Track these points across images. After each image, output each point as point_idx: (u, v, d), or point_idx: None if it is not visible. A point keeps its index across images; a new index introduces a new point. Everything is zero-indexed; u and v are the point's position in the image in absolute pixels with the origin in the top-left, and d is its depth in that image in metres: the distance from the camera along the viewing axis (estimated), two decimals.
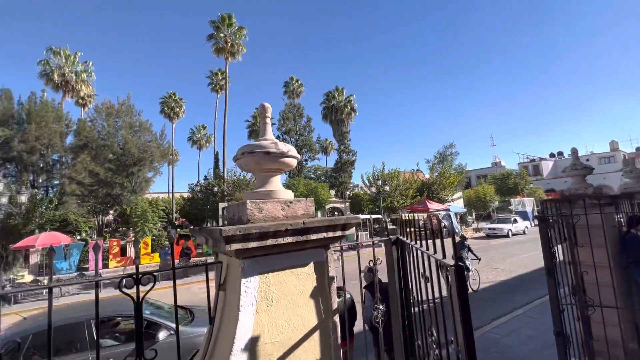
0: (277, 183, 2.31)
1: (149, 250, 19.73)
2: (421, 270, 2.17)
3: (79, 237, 20.94)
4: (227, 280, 2.05)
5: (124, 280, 1.68)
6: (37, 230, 19.13)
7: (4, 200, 13.55)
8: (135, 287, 1.75)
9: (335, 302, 2.12)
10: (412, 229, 2.63)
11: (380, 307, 2.61)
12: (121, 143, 22.07)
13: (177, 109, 43.91)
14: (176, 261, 17.04)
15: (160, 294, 10.68)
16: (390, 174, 32.20)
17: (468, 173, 45.21)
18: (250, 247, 1.76)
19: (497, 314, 7.85)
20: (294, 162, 2.30)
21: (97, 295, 1.70)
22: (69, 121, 24.55)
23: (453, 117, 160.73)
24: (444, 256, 1.75)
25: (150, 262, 19.49)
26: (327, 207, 23.85)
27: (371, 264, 2.94)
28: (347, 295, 4.19)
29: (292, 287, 1.98)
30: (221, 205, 23.85)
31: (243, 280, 1.80)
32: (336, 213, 26.28)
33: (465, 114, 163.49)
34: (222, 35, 30.36)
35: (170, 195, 38.92)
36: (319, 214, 21.20)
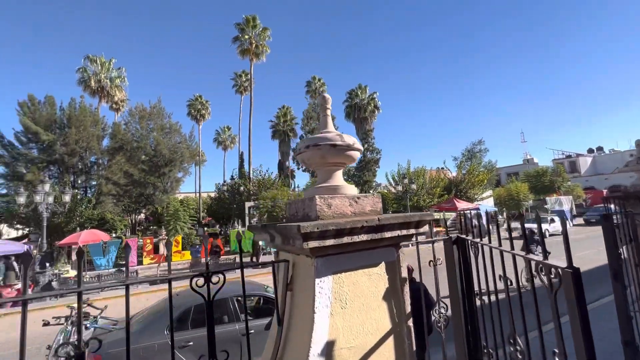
0: (340, 178, 2.18)
1: (180, 248, 20.36)
2: (489, 272, 1.97)
3: (114, 235, 21.97)
4: (294, 280, 1.95)
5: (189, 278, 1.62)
6: (78, 228, 20.26)
7: (50, 199, 14.42)
8: (205, 284, 1.69)
9: (409, 305, 1.97)
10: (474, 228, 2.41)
11: (442, 310, 2.43)
12: (153, 144, 22.93)
13: (203, 111, 45.17)
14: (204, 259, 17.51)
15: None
16: (416, 172, 31.43)
17: (498, 171, 43.31)
18: (326, 245, 1.65)
19: (546, 319, 7.34)
20: (357, 156, 2.17)
21: (170, 292, 1.66)
22: (105, 125, 25.81)
23: (481, 113, 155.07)
24: (546, 257, 1.55)
25: (181, 259, 20.10)
26: None
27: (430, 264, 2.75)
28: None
29: (365, 289, 1.85)
30: (247, 204, 24.24)
31: (317, 281, 1.69)
32: None
33: (494, 109, 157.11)
34: (246, 37, 30.85)
35: (197, 195, 40.11)
36: None
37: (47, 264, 13.87)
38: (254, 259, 16.20)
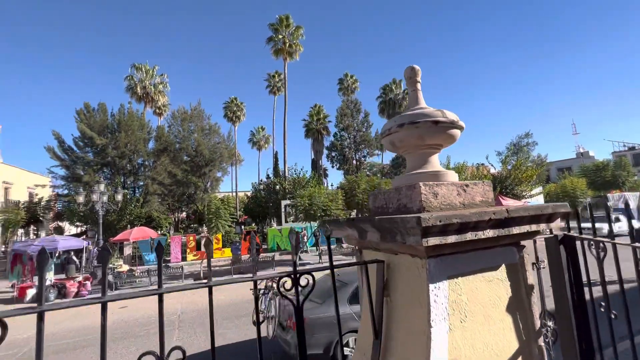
0: (437, 163, 1.83)
1: (220, 245, 20.96)
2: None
3: (160, 232, 23.16)
4: (389, 284, 1.63)
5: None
6: (128, 226, 21.60)
7: (105, 198, 15.46)
8: (293, 288, 1.43)
9: (538, 319, 1.57)
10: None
11: (549, 323, 1.99)
12: (194, 145, 23.84)
13: (239, 113, 46.43)
14: (245, 256, 17.86)
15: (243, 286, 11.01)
16: (457, 167, 29.86)
17: (548, 165, 39.94)
18: (446, 243, 1.31)
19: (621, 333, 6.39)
20: (459, 135, 1.81)
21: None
22: (150, 128, 27.33)
23: (526, 105, 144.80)
24: None
25: (221, 256, 20.69)
26: None
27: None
28: None
29: (485, 297, 1.48)
30: (283, 202, 24.43)
31: (431, 287, 1.36)
32: None
33: (542, 100, 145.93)
34: (280, 36, 31.13)
35: (233, 194, 41.34)
36: None
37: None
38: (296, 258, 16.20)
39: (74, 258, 19.77)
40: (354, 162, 32.05)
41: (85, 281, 12.91)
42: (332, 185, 32.06)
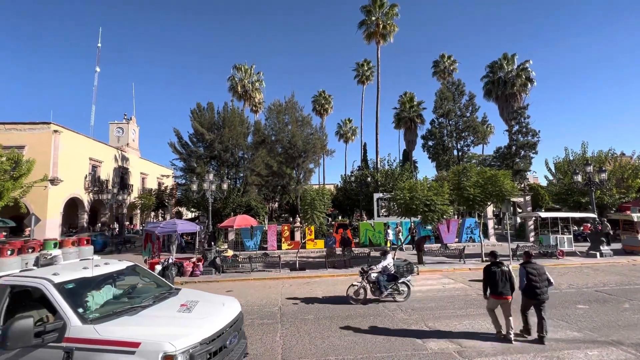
0: None
1: (312, 236, 20.96)
2: None
3: (258, 220, 24.59)
4: None
5: None
6: (231, 213, 23.47)
7: (213, 187, 16.82)
8: None
9: None
10: None
11: None
12: (289, 136, 24.41)
13: (327, 105, 46.72)
14: (338, 250, 17.22)
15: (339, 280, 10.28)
16: (598, 157, 23.55)
17: None
18: None
19: None
20: None
21: None
22: (248, 124, 29.33)
23: None
24: None
25: (313, 247, 20.68)
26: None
27: None
28: (505, 268, 6.11)
29: None
30: (375, 195, 23.07)
31: None
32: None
33: None
34: (373, 18, 29.48)
35: (322, 186, 41.80)
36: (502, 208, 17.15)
37: (212, 243, 16.08)
38: (420, 256, 14.83)
39: (190, 240, 22.42)
40: (456, 151, 28.34)
41: (198, 262, 14.07)
42: (426, 177, 29.18)
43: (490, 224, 22.06)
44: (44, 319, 3.97)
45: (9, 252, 4.27)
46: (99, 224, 31.46)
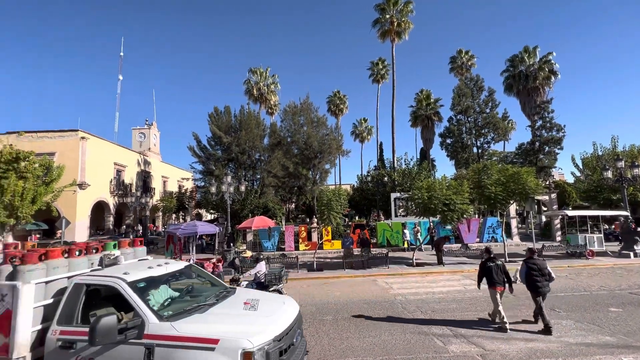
0: None
1: (329, 237, 20.96)
2: None
3: (275, 221, 24.83)
4: None
5: None
6: (249, 215, 23.82)
7: (231, 189, 17.15)
8: None
9: None
10: None
11: None
12: (304, 137, 24.54)
13: (342, 106, 46.60)
14: (356, 250, 17.13)
15: (353, 282, 10.32)
16: (628, 152, 22.34)
17: None
18: None
19: None
20: None
21: None
22: (264, 126, 29.68)
23: None
24: None
25: (330, 248, 20.67)
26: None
27: None
28: (499, 263, 6.97)
29: None
30: (393, 195, 22.80)
31: None
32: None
33: None
34: (387, 16, 29.15)
35: (338, 187, 41.69)
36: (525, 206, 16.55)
37: (231, 244, 16.37)
38: (440, 257, 14.57)
39: (209, 241, 22.91)
40: (475, 149, 27.53)
41: (218, 263, 14.35)
42: (445, 175, 28.59)
43: (514, 223, 21.34)
44: (118, 316, 4.15)
45: (77, 253, 4.50)
46: (124, 226, 32.72)
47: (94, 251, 4.85)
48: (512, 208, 21.00)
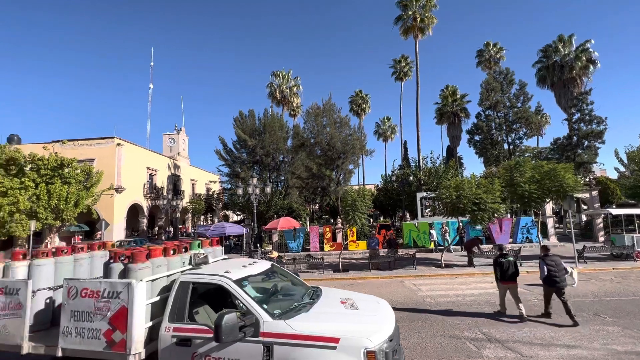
0: None
1: (354, 237, 20.82)
2: None
3: (300, 222, 25.06)
4: None
5: None
6: (275, 216, 24.20)
7: (257, 191, 17.51)
8: None
9: None
10: None
11: None
12: (327, 138, 24.61)
13: (364, 105, 46.19)
14: (381, 251, 16.90)
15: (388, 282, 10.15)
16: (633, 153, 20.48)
17: None
18: None
19: None
20: None
21: None
22: (288, 128, 30.06)
23: None
24: None
25: (355, 249, 20.53)
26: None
27: None
28: (511, 259, 7.40)
29: None
30: (419, 195, 22.28)
31: None
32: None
33: None
34: (410, 13, 28.56)
35: (362, 187, 41.36)
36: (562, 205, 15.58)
37: (258, 245, 16.70)
38: (471, 258, 14.14)
39: (237, 242, 23.50)
40: (506, 145, 26.27)
41: None
42: (474, 174, 27.57)
43: (550, 222, 20.14)
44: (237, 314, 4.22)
45: (172, 252, 4.74)
46: (157, 228, 34.32)
47: (184, 250, 5.01)
48: (548, 207, 19.85)
